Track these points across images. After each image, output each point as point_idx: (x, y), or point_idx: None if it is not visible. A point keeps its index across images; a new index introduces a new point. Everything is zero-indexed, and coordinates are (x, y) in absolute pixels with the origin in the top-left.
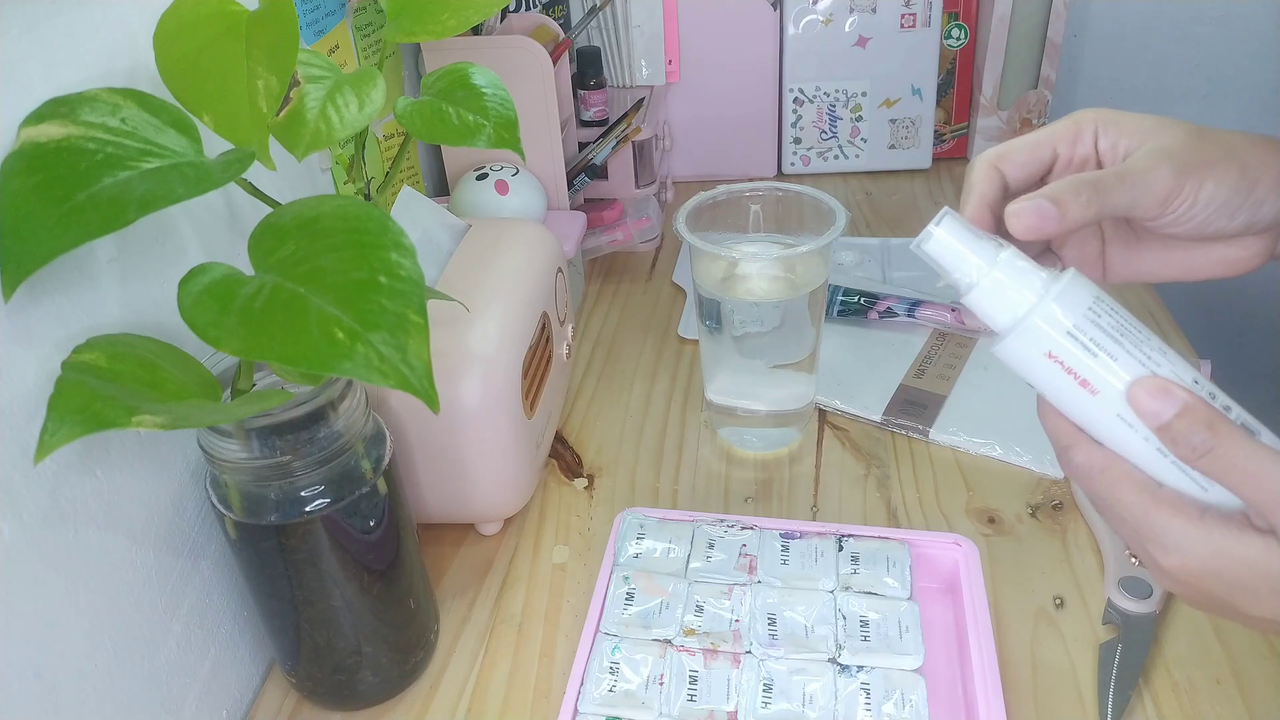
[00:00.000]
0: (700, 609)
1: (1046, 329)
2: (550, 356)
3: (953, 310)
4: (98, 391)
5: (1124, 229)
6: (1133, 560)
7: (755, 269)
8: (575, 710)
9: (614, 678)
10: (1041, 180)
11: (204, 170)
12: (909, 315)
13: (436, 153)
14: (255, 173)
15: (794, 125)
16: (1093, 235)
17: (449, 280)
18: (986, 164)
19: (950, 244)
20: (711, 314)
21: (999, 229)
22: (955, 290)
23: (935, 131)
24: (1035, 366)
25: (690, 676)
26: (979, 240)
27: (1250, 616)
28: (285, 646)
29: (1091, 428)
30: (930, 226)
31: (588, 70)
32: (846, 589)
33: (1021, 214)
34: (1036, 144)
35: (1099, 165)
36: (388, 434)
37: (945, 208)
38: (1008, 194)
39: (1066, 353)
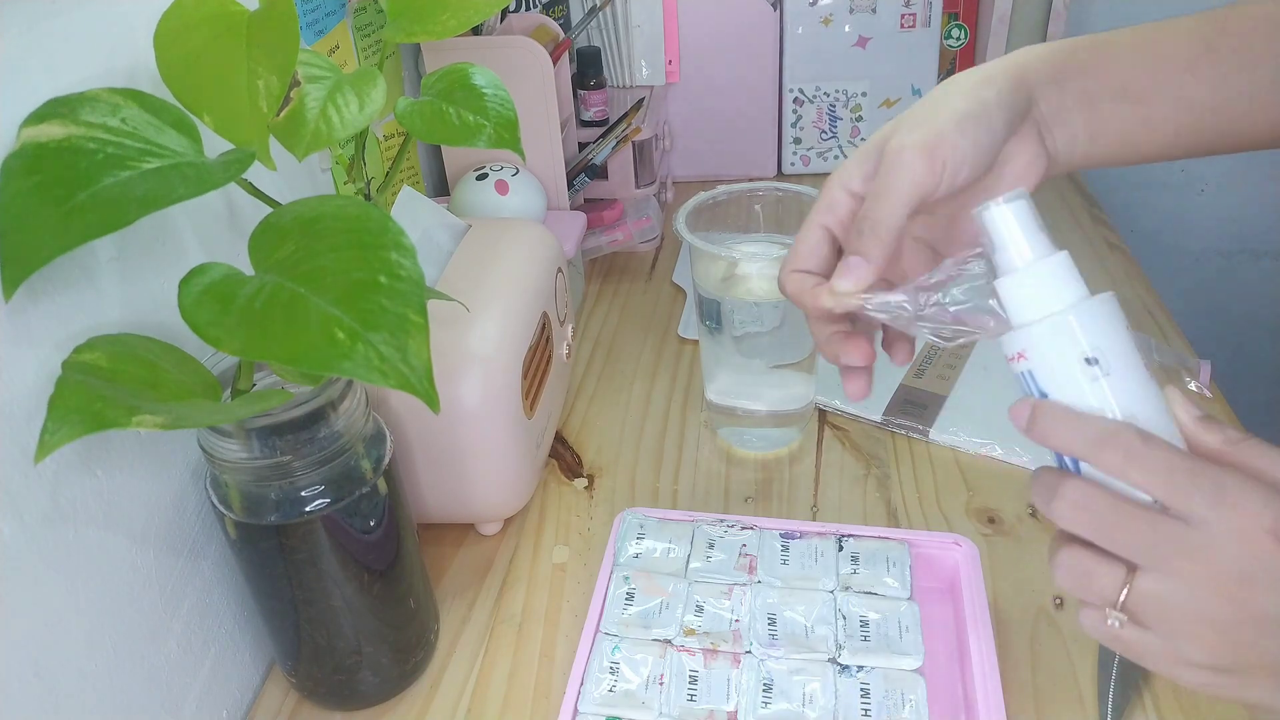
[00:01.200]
0: (700, 609)
1: (1112, 321)
2: (550, 356)
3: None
4: (98, 391)
5: (930, 216)
6: (1116, 620)
7: (755, 269)
8: (575, 710)
9: (614, 678)
10: (840, 252)
11: (204, 170)
12: None
13: (436, 153)
14: (255, 173)
15: (794, 125)
16: (911, 247)
17: (449, 280)
18: (791, 274)
19: (1016, 223)
20: (711, 314)
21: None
22: (993, 268)
23: None
24: (1097, 339)
25: (690, 676)
26: (1044, 233)
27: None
28: (285, 646)
29: (1138, 413)
30: (1002, 199)
31: (588, 70)
32: (846, 589)
33: (844, 283)
34: (807, 233)
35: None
36: (388, 434)
37: (1022, 189)
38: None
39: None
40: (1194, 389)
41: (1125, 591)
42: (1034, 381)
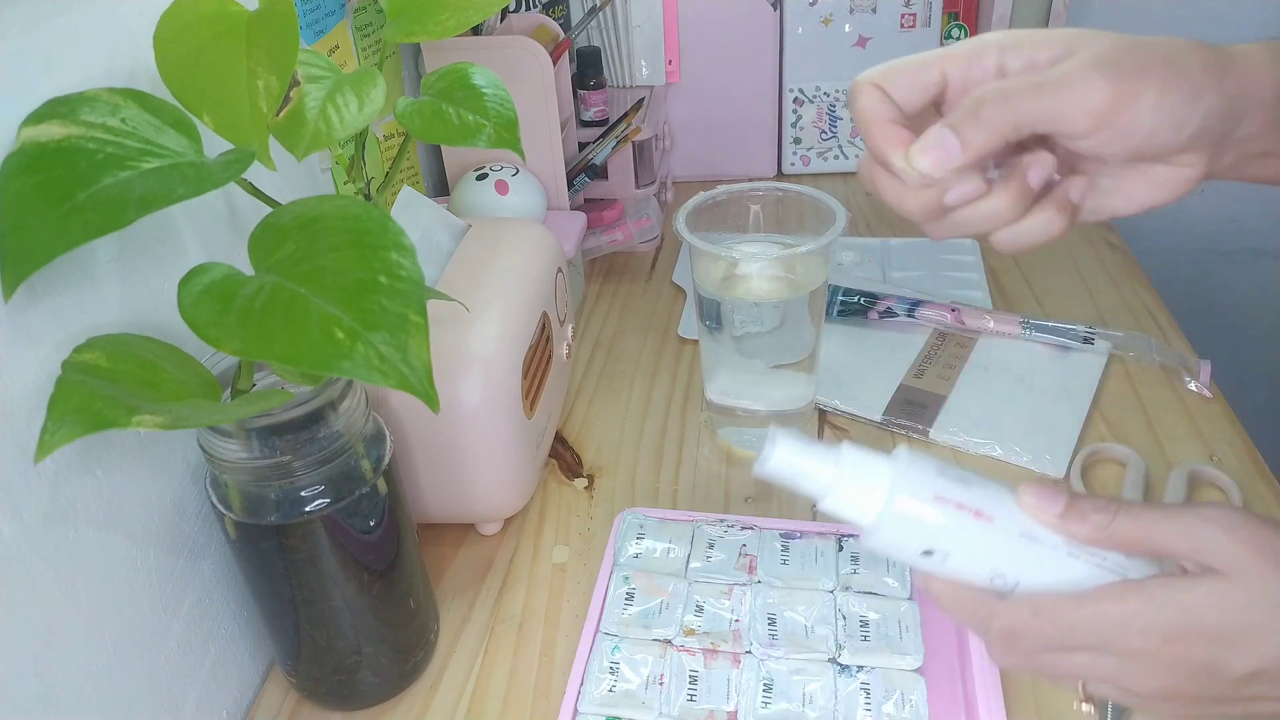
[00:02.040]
0: (700, 609)
1: (924, 480)
2: (550, 356)
3: (952, 310)
4: (98, 391)
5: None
6: (1087, 708)
7: (755, 269)
8: (575, 710)
9: (614, 678)
10: (933, 106)
11: (204, 170)
12: (909, 315)
13: (436, 153)
14: (255, 173)
15: (794, 125)
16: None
17: (449, 280)
18: (869, 85)
19: (791, 462)
20: (711, 314)
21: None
22: (812, 499)
23: None
24: (927, 518)
25: (690, 676)
26: (817, 447)
27: (1236, 679)
28: (285, 646)
29: (997, 558)
30: (766, 450)
31: (588, 70)
32: (846, 589)
33: (922, 154)
34: (923, 63)
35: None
36: (388, 434)
37: (772, 427)
38: (902, 117)
39: (950, 491)
40: (1194, 389)
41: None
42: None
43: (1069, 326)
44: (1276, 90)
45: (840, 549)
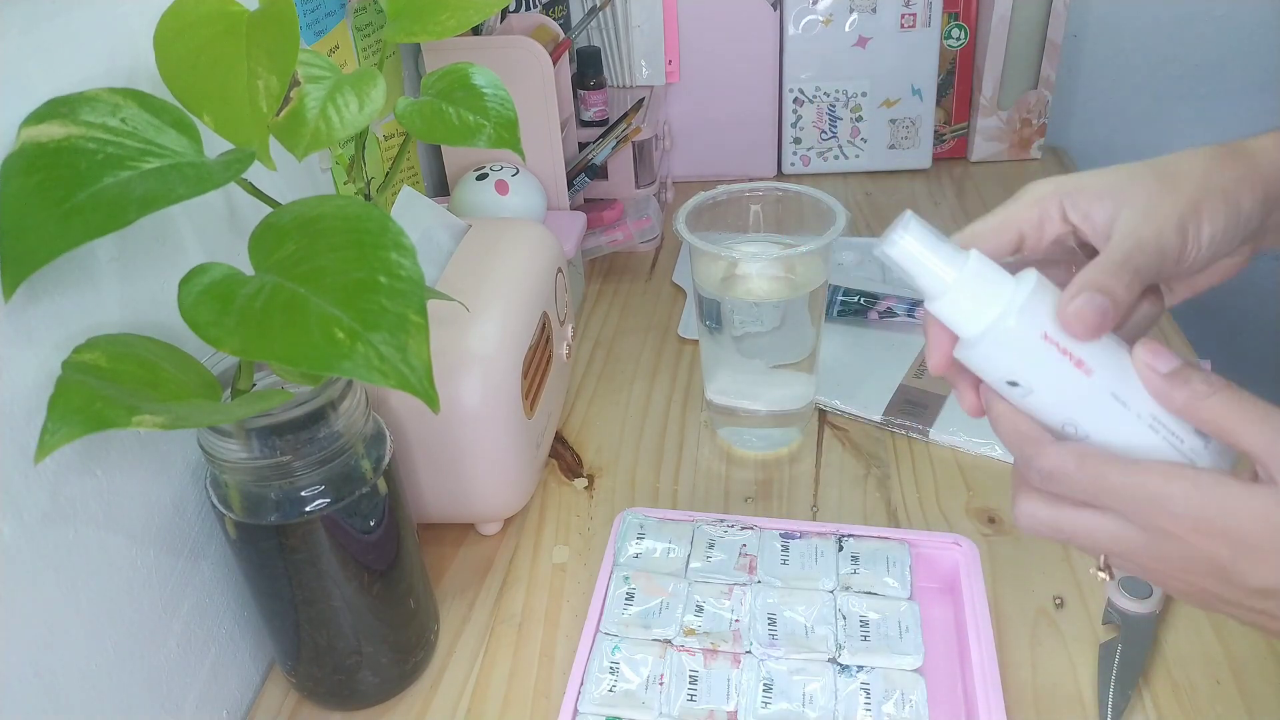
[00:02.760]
0: (700, 609)
1: (1041, 313)
2: (550, 356)
3: None
4: (98, 391)
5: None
6: (1101, 575)
7: (755, 269)
8: (575, 710)
9: (614, 678)
10: (1013, 254)
11: (204, 170)
12: (909, 315)
13: (436, 153)
14: (255, 173)
15: (794, 125)
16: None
17: (449, 280)
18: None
19: (919, 250)
20: (711, 314)
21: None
22: (923, 294)
23: (935, 131)
24: (1029, 352)
25: (690, 676)
26: (946, 245)
27: (1250, 589)
28: (285, 646)
29: (1078, 409)
30: (896, 233)
31: (588, 70)
32: (846, 589)
33: (1082, 317)
34: (1002, 228)
35: (1078, 237)
36: (388, 434)
37: (908, 212)
38: None
39: (1060, 334)
40: None
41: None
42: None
43: None
44: None
45: (840, 549)
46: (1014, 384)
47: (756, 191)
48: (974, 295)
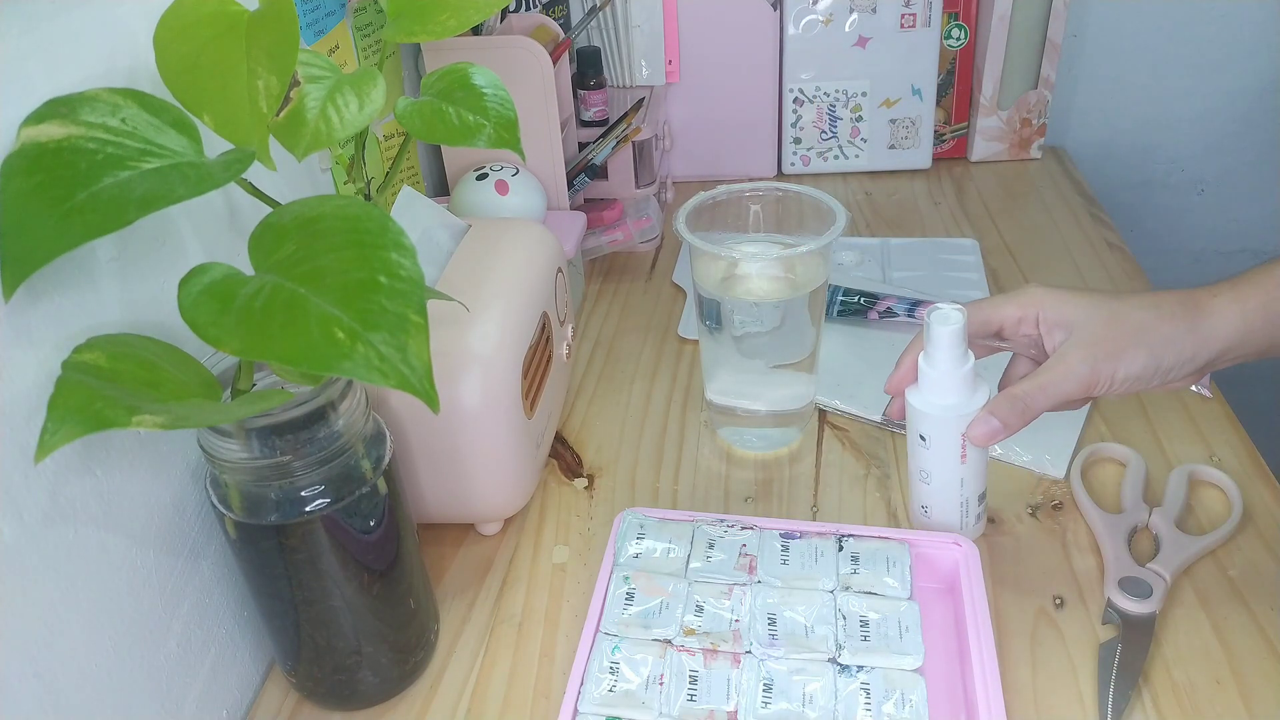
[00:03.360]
0: (700, 609)
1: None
2: (550, 356)
3: None
4: (98, 391)
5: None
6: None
7: (755, 269)
8: (575, 710)
9: (614, 678)
10: (995, 335)
11: (204, 170)
12: (909, 315)
13: (436, 153)
14: (255, 173)
15: (794, 125)
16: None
17: (449, 280)
18: None
19: (952, 342)
20: (711, 314)
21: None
22: (928, 358)
23: (935, 131)
24: (948, 433)
25: (690, 676)
26: (963, 344)
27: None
28: (285, 646)
29: (938, 469)
30: (954, 312)
31: (588, 70)
32: (846, 589)
33: (975, 428)
34: (988, 321)
35: (1039, 345)
36: (388, 434)
37: (959, 310)
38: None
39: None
40: (1195, 390)
41: None
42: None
43: None
44: (1226, 343)
45: (840, 549)
46: (923, 438)
47: (756, 191)
48: (953, 388)
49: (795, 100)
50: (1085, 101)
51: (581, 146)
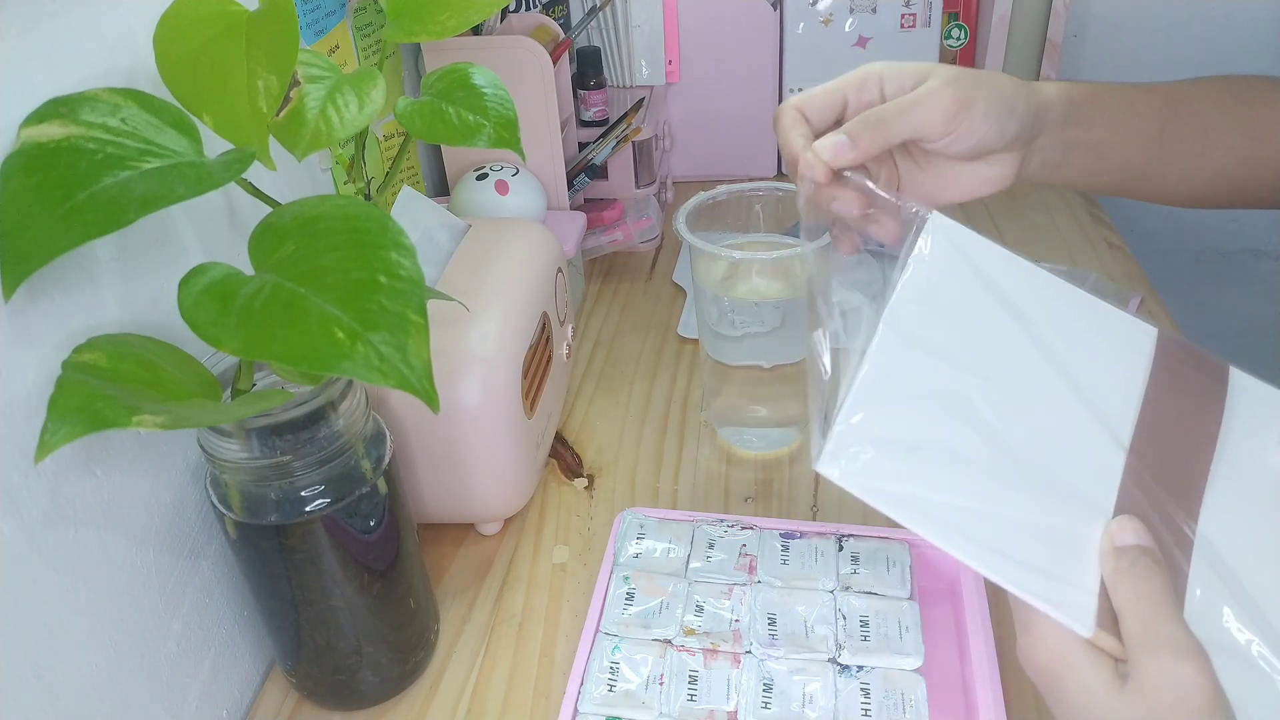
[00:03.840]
0: (700, 609)
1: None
2: (550, 356)
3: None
4: (98, 391)
5: (910, 156)
6: None
7: (756, 269)
8: (575, 710)
9: (614, 678)
10: (838, 122)
11: (204, 170)
12: (879, 246)
13: (436, 153)
14: (255, 173)
15: None
16: (888, 161)
17: (449, 280)
18: (793, 110)
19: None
20: (711, 314)
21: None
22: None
23: None
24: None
25: (690, 676)
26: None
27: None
28: (285, 646)
29: None
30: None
31: (588, 70)
32: (846, 589)
33: (823, 148)
34: (830, 91)
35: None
36: (388, 434)
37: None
38: (813, 133)
39: None
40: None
41: None
42: None
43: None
44: (1062, 112)
45: (840, 549)
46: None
47: (757, 191)
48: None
49: None
50: None
51: (581, 146)
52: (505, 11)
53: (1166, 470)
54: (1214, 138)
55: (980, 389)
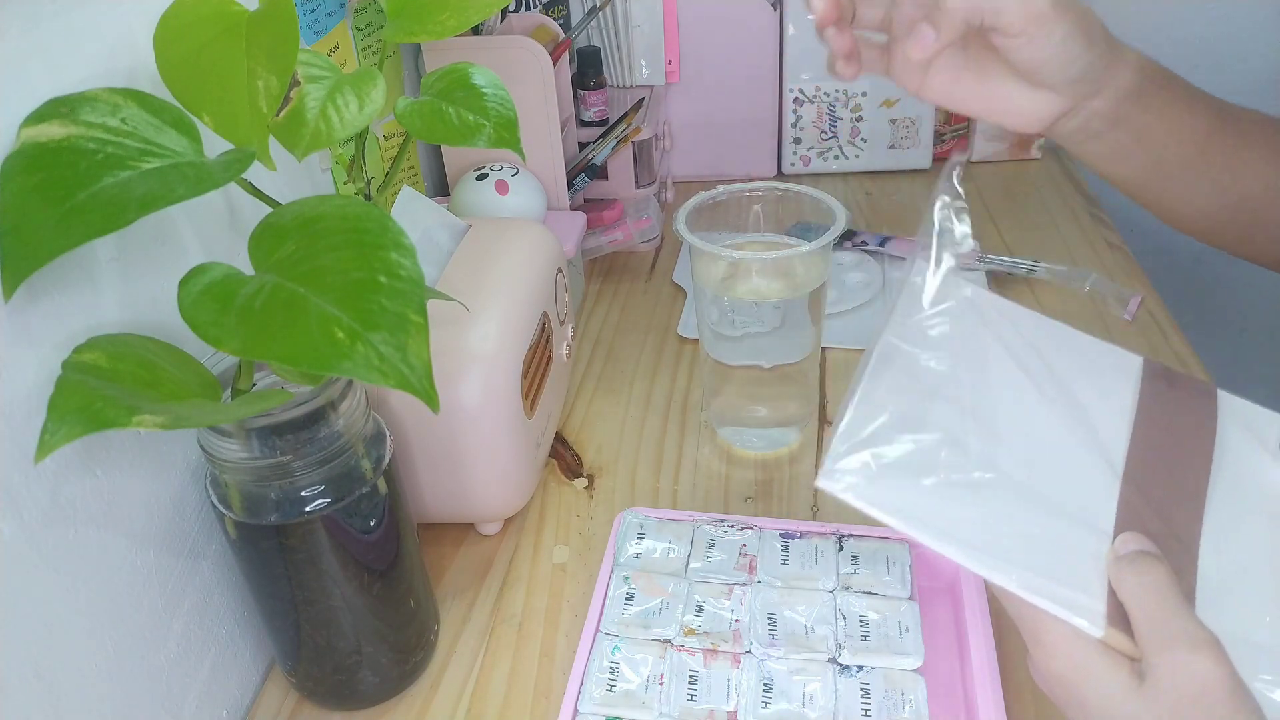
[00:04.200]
0: (700, 609)
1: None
2: (550, 356)
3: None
4: (98, 391)
5: (969, 48)
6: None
7: (755, 268)
8: (575, 710)
9: (614, 678)
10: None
11: (204, 170)
12: (879, 246)
13: (436, 153)
14: (255, 173)
15: (794, 125)
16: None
17: (449, 280)
18: None
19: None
20: (711, 314)
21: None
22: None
23: (935, 131)
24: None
25: (690, 676)
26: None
27: None
28: (285, 646)
29: None
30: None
31: (588, 70)
32: (846, 589)
33: (913, 41)
34: None
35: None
36: (388, 434)
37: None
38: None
39: None
40: (1126, 319)
41: None
42: None
43: (1017, 260)
44: (1131, 83)
45: (840, 549)
46: None
47: (757, 191)
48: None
49: (795, 100)
50: None
51: (581, 146)
52: (505, 11)
53: (1163, 493)
54: (1250, 160)
55: (977, 415)
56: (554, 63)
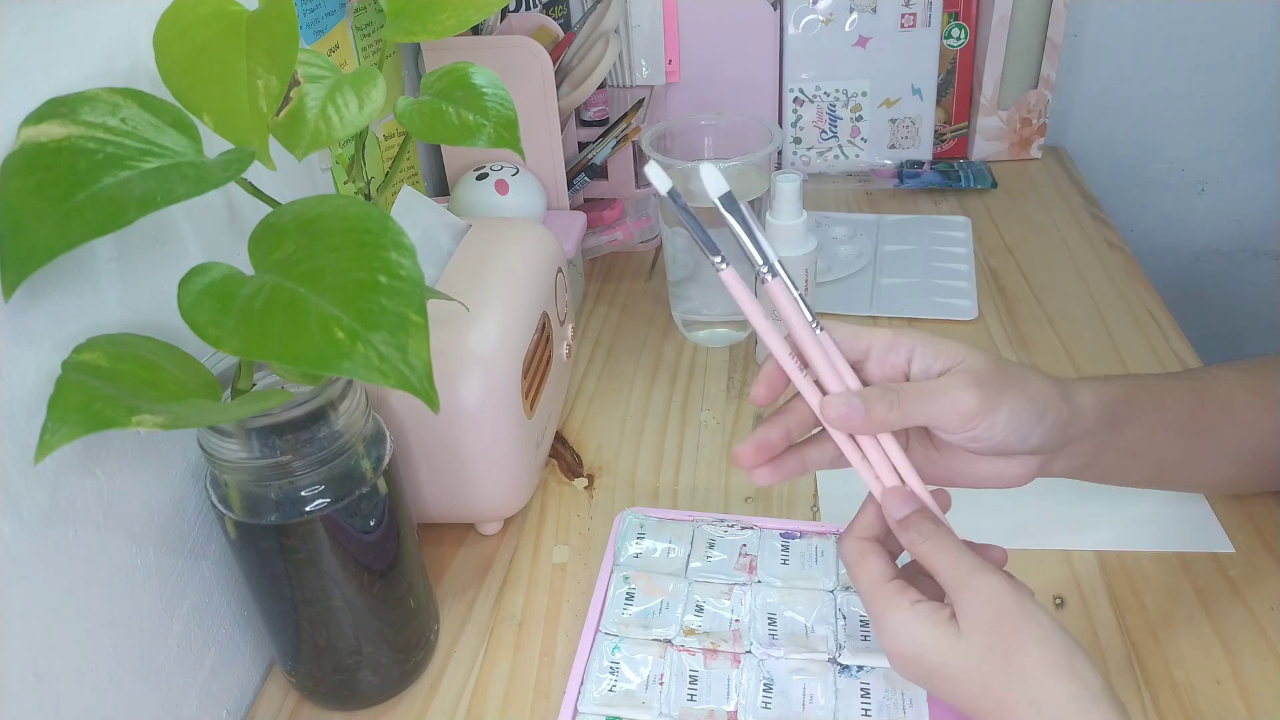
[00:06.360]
0: (700, 609)
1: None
2: (550, 356)
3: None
4: (98, 391)
5: (924, 436)
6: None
7: (706, 174)
8: (575, 710)
9: (614, 677)
10: (854, 366)
11: (204, 170)
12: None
13: (436, 153)
14: (255, 172)
15: (794, 125)
16: (898, 433)
17: (449, 280)
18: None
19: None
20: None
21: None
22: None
23: (935, 131)
24: None
25: (690, 676)
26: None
27: (952, 698)
28: (285, 646)
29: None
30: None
31: None
32: (847, 589)
33: (833, 404)
34: (858, 336)
35: (906, 378)
36: (388, 434)
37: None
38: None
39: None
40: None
41: None
42: None
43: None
44: (1096, 420)
45: None
46: None
47: (710, 122)
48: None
49: (795, 100)
50: (1085, 101)
51: (581, 146)
52: (505, 11)
53: None
54: (1242, 416)
55: None
56: (554, 63)
